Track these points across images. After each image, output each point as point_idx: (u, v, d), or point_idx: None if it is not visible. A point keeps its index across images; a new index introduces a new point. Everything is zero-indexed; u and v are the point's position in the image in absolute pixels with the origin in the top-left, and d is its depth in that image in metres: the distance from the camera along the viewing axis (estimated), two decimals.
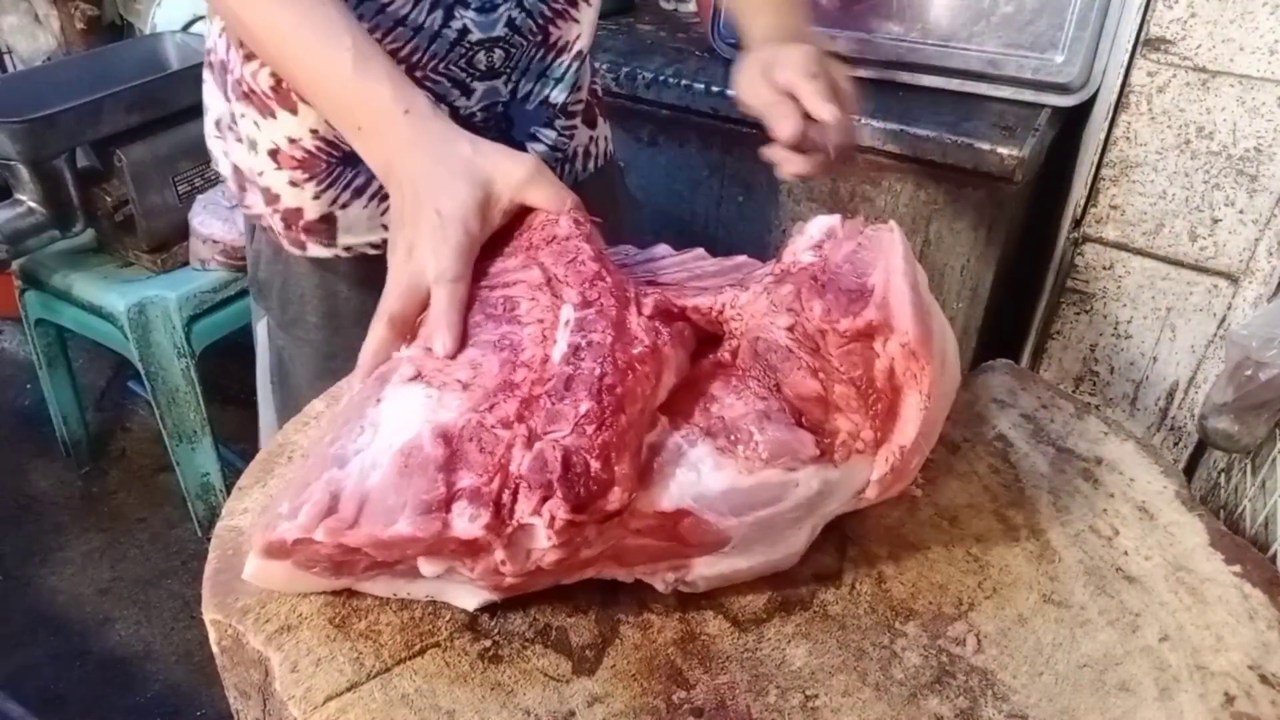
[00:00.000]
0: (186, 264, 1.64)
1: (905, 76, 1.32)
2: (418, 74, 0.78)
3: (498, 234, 0.62)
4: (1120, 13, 1.17)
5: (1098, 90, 1.23)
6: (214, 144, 0.90)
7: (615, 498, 0.49)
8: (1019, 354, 1.40)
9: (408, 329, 0.59)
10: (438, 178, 0.60)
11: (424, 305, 0.59)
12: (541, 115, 0.87)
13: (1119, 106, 1.14)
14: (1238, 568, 0.63)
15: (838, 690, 0.54)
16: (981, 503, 0.68)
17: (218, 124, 0.88)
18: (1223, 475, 1.01)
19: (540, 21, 0.83)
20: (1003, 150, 1.17)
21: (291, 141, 0.79)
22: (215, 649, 0.57)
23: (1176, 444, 1.28)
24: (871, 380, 0.56)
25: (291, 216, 0.82)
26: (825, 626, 0.58)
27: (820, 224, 0.64)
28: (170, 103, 1.58)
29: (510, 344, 0.55)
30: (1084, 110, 1.27)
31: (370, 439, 0.52)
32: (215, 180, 1.66)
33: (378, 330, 0.59)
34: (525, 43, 0.82)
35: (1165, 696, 0.55)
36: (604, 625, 0.58)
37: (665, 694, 0.54)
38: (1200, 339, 1.21)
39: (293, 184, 0.81)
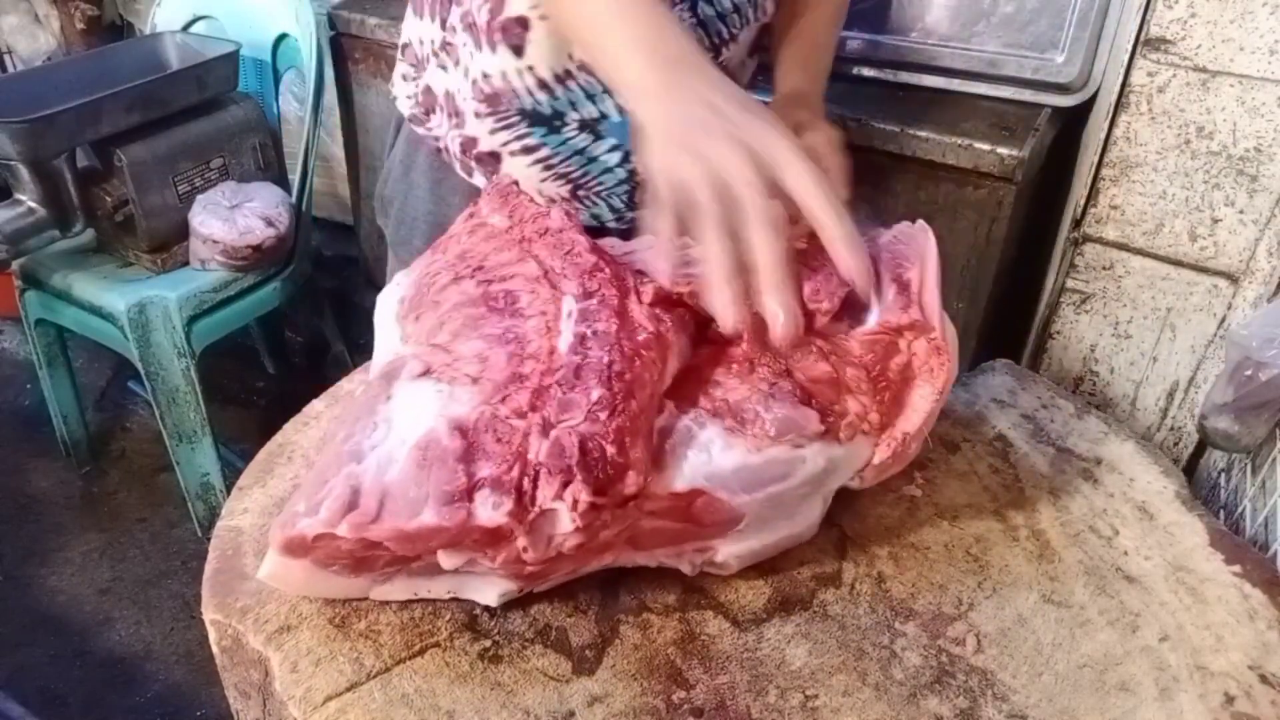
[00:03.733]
0: (186, 264, 1.64)
1: (905, 76, 1.32)
2: (569, 84, 0.83)
3: (490, 229, 0.62)
4: (1120, 13, 1.17)
5: (1098, 90, 1.23)
6: (402, 69, 0.97)
7: (632, 481, 0.50)
8: (1019, 354, 1.39)
9: None
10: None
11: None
12: None
13: (1119, 106, 1.14)
14: (1238, 568, 0.63)
15: (838, 690, 0.54)
16: (981, 503, 0.68)
17: (414, 51, 0.95)
18: (1223, 475, 1.01)
19: (715, 40, 0.85)
20: (1003, 150, 1.17)
21: (485, 76, 0.85)
22: (215, 649, 0.57)
23: (1176, 444, 1.28)
24: (885, 369, 0.57)
25: (468, 144, 0.90)
26: (825, 626, 0.58)
27: None
28: (170, 103, 1.57)
29: (515, 337, 0.55)
30: (1084, 110, 1.27)
31: (385, 434, 0.52)
32: (215, 180, 1.66)
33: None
34: None
35: (1165, 696, 0.55)
36: (604, 625, 0.58)
37: (665, 694, 0.54)
38: (1200, 339, 1.20)
39: (477, 115, 0.87)
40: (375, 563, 0.53)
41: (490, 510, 0.49)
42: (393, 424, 0.52)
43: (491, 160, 0.90)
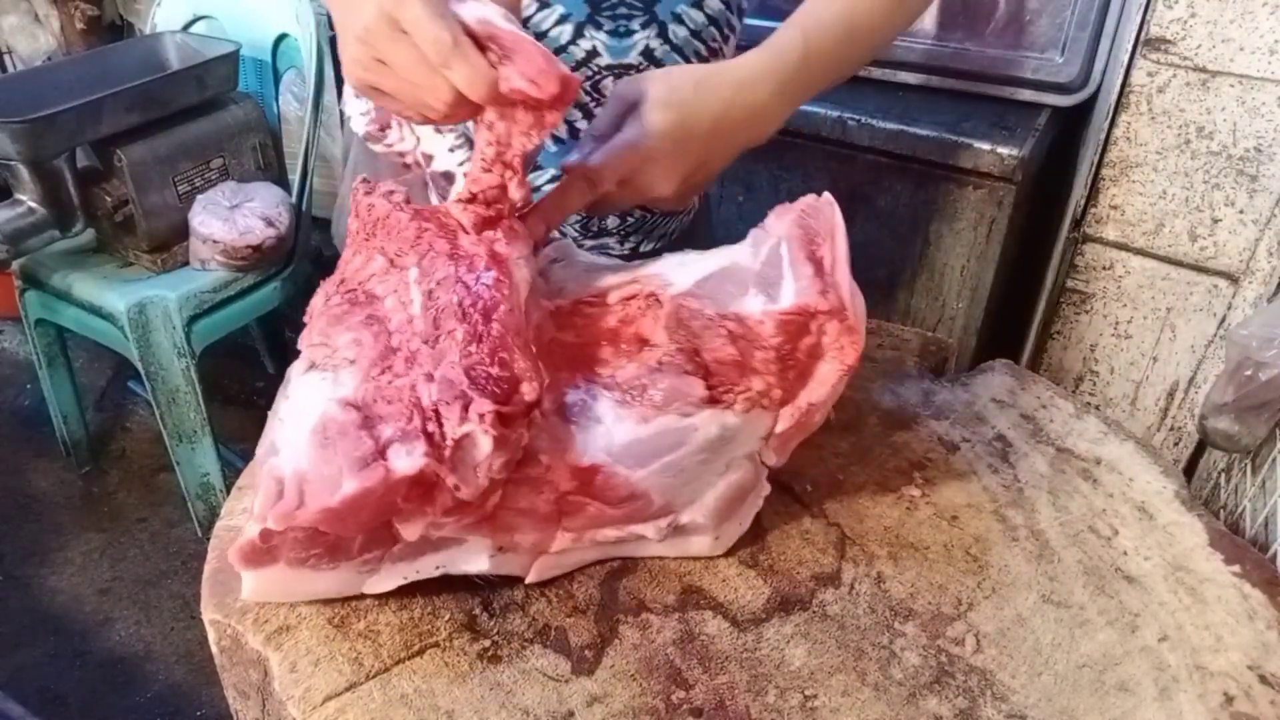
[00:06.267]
0: (186, 264, 1.64)
1: (905, 76, 1.32)
2: None
3: (352, 235, 0.64)
4: (1120, 13, 1.17)
5: (1098, 90, 1.23)
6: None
7: (529, 389, 0.51)
8: (1019, 354, 1.40)
9: None
10: None
11: None
12: None
13: (1119, 106, 1.14)
14: (1237, 568, 0.63)
15: (837, 690, 0.54)
16: (981, 503, 0.68)
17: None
18: (1223, 475, 1.01)
19: (692, 60, 0.79)
20: (1003, 150, 1.17)
21: None
22: (214, 649, 0.57)
23: (1176, 444, 1.28)
24: (794, 350, 0.58)
25: (428, 159, 0.86)
26: (824, 626, 0.58)
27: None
28: (170, 103, 1.57)
29: (378, 319, 0.57)
30: (1084, 110, 1.27)
31: (288, 427, 0.54)
32: (215, 180, 1.66)
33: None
34: None
35: (1165, 696, 0.55)
36: (603, 625, 0.58)
37: (664, 694, 0.54)
38: (1200, 339, 1.21)
39: (437, 130, 0.83)
40: (348, 546, 0.53)
41: (406, 458, 0.49)
42: (291, 417, 0.54)
43: (445, 181, 0.84)
